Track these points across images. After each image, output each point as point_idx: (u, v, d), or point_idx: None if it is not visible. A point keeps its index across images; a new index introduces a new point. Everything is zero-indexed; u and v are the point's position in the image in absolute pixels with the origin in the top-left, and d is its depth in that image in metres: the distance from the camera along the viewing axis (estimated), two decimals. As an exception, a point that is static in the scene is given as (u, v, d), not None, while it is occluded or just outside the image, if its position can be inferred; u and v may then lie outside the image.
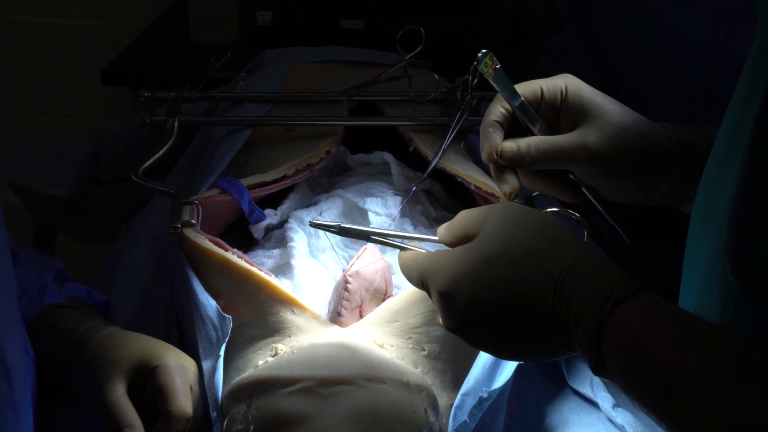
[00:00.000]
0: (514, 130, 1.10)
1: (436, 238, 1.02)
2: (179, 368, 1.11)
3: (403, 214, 1.34)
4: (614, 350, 0.82)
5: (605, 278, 0.86)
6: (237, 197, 1.28)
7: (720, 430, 0.74)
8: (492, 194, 1.29)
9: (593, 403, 1.24)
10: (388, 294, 1.18)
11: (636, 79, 1.58)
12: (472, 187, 1.32)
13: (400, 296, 1.14)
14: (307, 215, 1.32)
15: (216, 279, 1.17)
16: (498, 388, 1.10)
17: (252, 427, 1.04)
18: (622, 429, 1.20)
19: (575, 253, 0.89)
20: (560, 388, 1.27)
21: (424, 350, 1.13)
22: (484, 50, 1.08)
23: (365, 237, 1.07)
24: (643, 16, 1.55)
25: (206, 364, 1.13)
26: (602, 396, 1.23)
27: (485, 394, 1.07)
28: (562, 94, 1.10)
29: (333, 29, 2.34)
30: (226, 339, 1.11)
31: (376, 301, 1.17)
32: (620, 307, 0.83)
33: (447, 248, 1.00)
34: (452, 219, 1.00)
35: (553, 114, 1.10)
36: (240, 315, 1.14)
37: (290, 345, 1.12)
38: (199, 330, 1.15)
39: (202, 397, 1.13)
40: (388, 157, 1.44)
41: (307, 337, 1.12)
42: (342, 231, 1.06)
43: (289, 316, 1.13)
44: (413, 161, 1.45)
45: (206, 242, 1.17)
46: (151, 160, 1.35)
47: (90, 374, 1.12)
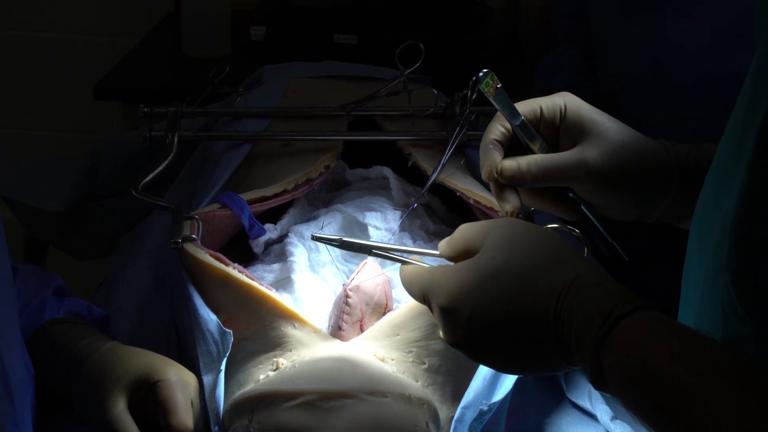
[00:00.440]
0: (513, 148, 1.11)
1: (437, 252, 1.02)
2: (180, 383, 1.11)
3: (402, 228, 1.35)
4: (615, 366, 0.83)
5: (606, 294, 0.86)
6: (237, 212, 1.28)
7: None
8: (491, 208, 1.29)
9: (592, 416, 1.25)
10: (388, 308, 1.18)
11: (635, 95, 1.60)
12: (471, 201, 1.32)
13: (401, 310, 1.15)
14: (307, 230, 1.33)
15: (217, 293, 1.17)
16: (498, 401, 1.10)
17: (254, 441, 1.04)
18: (620, 441, 1.21)
19: (576, 268, 0.89)
20: (559, 400, 1.27)
21: (425, 364, 1.13)
22: (486, 70, 1.08)
23: (367, 251, 1.07)
24: (643, 33, 1.56)
25: (207, 379, 1.13)
26: (601, 408, 1.24)
27: (485, 407, 1.08)
28: (561, 112, 1.10)
29: (326, 44, 2.35)
30: (227, 353, 1.11)
31: (376, 315, 1.17)
32: (621, 322, 0.83)
33: (448, 263, 1.00)
34: (453, 233, 1.01)
35: (553, 132, 1.11)
36: (240, 329, 1.14)
37: (291, 359, 1.12)
38: (199, 344, 1.15)
39: (203, 412, 1.13)
40: (387, 171, 1.44)
41: (309, 351, 1.12)
42: (344, 245, 1.07)
43: (290, 330, 1.13)
44: (412, 176, 1.45)
45: (207, 257, 1.17)
46: (152, 175, 1.35)
47: (91, 389, 1.12)
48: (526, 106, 1.10)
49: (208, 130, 1.57)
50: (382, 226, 1.32)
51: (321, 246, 1.29)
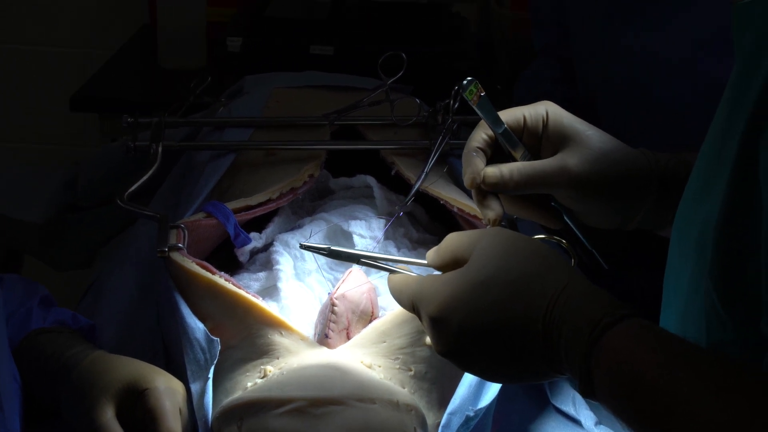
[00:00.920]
0: (496, 156, 1.12)
1: (425, 261, 1.03)
2: (168, 391, 1.11)
3: (386, 237, 1.35)
4: (603, 374, 0.84)
5: (595, 303, 0.87)
6: (223, 221, 1.28)
7: None
8: (475, 216, 1.30)
9: (576, 421, 1.26)
10: (374, 315, 1.19)
11: (615, 106, 1.61)
12: (455, 210, 1.33)
13: (387, 317, 1.15)
14: (292, 238, 1.33)
15: (203, 302, 1.17)
16: (484, 407, 1.11)
17: (244, 448, 1.05)
18: (604, 446, 1.22)
19: (565, 278, 0.90)
20: (543, 406, 1.29)
21: (411, 371, 1.14)
22: (470, 78, 1.10)
23: (355, 260, 1.08)
24: (622, 45, 1.57)
25: (195, 387, 1.13)
26: (584, 414, 1.25)
27: (471, 413, 1.09)
28: (543, 120, 1.11)
29: (303, 55, 2.35)
30: (215, 361, 1.12)
31: (362, 323, 1.17)
32: (609, 331, 0.84)
33: (436, 272, 1.01)
34: (441, 243, 1.01)
35: (536, 141, 1.12)
36: (227, 337, 1.15)
37: (279, 366, 1.12)
38: (187, 353, 1.15)
39: (191, 420, 1.13)
40: (370, 180, 1.45)
41: (296, 358, 1.13)
42: (332, 254, 1.07)
43: (277, 338, 1.14)
44: (395, 184, 1.46)
45: (193, 266, 1.18)
46: (137, 184, 1.35)
47: (78, 398, 1.12)
48: (510, 115, 1.12)
49: (191, 140, 1.57)
50: (366, 234, 1.33)
51: (307, 254, 1.30)
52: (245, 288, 1.18)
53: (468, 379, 1.11)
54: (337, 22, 2.45)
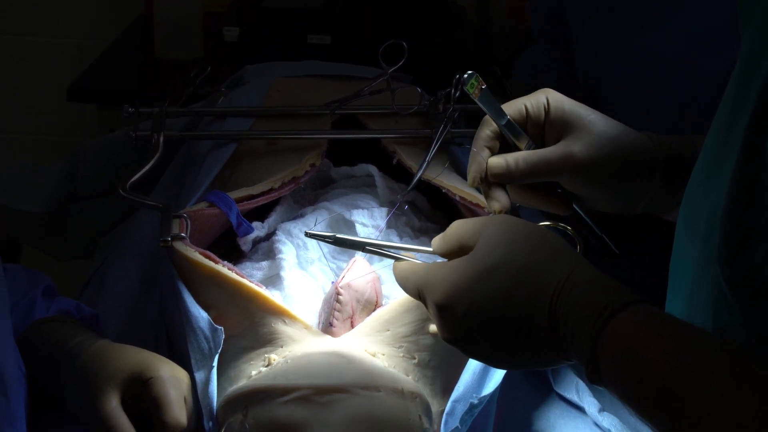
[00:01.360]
0: (501, 150, 1.12)
1: (430, 249, 1.03)
2: (173, 379, 1.12)
3: (388, 226, 1.35)
4: (610, 360, 0.84)
5: (601, 289, 0.87)
6: (225, 210, 1.28)
7: None
8: (477, 205, 1.30)
9: (579, 408, 1.26)
10: (378, 304, 1.19)
11: (614, 97, 1.61)
12: (457, 198, 1.34)
13: (390, 306, 1.16)
14: (295, 227, 1.33)
15: (207, 291, 1.18)
16: (488, 395, 1.11)
17: (249, 436, 1.05)
18: (608, 432, 1.22)
19: (571, 264, 0.90)
20: (547, 393, 1.29)
21: (415, 359, 1.14)
22: (470, 71, 1.10)
23: (360, 247, 1.08)
24: (619, 38, 1.58)
25: (199, 376, 1.14)
26: (588, 400, 1.25)
27: (475, 401, 1.09)
28: (545, 108, 1.12)
29: (300, 45, 2.35)
30: (219, 350, 1.12)
31: (366, 312, 1.18)
32: (616, 317, 0.84)
33: (441, 259, 1.01)
34: (446, 230, 1.01)
35: (539, 130, 1.12)
36: (231, 326, 1.15)
37: (283, 355, 1.13)
38: (190, 342, 1.15)
39: (196, 409, 1.13)
40: (372, 169, 1.45)
41: (300, 346, 1.13)
42: (337, 241, 1.07)
43: (280, 326, 1.14)
44: (396, 173, 1.46)
45: (196, 255, 1.18)
46: (139, 174, 1.35)
47: (83, 387, 1.12)
48: (512, 107, 1.12)
49: (192, 129, 1.57)
50: (369, 223, 1.33)
51: (309, 243, 1.30)
52: (248, 277, 1.18)
53: (472, 367, 1.11)
54: (334, 12, 2.44)
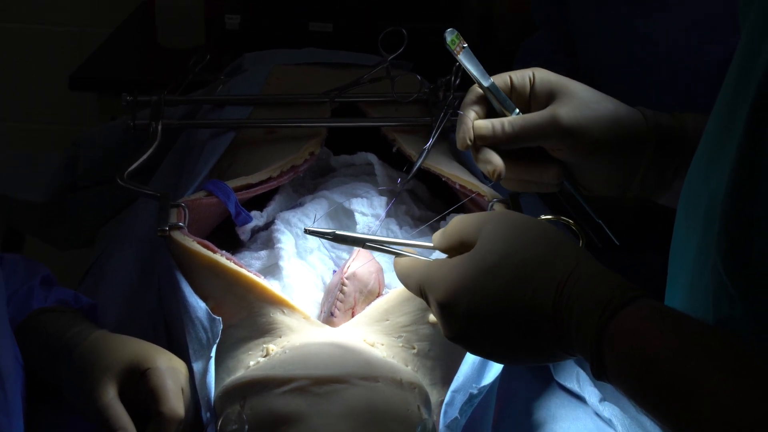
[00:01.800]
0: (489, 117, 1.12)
1: (431, 244, 1.02)
2: (170, 370, 1.11)
3: (388, 214, 1.35)
4: (615, 356, 0.83)
5: (604, 284, 0.87)
6: (224, 199, 1.28)
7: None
8: (477, 193, 1.30)
9: (580, 398, 1.26)
10: (380, 295, 1.19)
11: (615, 83, 1.60)
12: (457, 186, 1.33)
13: (390, 295, 1.15)
14: (293, 216, 1.33)
15: (204, 281, 1.17)
16: (487, 385, 1.11)
17: (246, 426, 1.04)
18: (609, 422, 1.22)
19: (574, 260, 0.90)
20: (547, 383, 1.28)
21: (414, 348, 1.14)
22: (451, 29, 1.12)
23: (360, 244, 1.07)
24: (619, 26, 1.57)
25: (197, 366, 1.13)
26: (589, 390, 1.25)
27: (475, 391, 1.08)
28: (530, 80, 1.12)
29: (302, 32, 2.35)
30: (217, 340, 1.11)
31: (367, 302, 1.17)
32: (620, 312, 0.84)
33: (442, 255, 1.01)
34: (447, 225, 1.01)
35: (524, 104, 1.13)
36: (229, 316, 1.15)
37: (281, 345, 1.12)
38: (188, 332, 1.14)
39: (194, 399, 1.13)
40: (371, 157, 1.44)
41: (299, 337, 1.13)
42: (337, 238, 1.06)
43: (279, 316, 1.14)
44: (396, 162, 1.45)
45: (194, 244, 1.17)
46: (137, 163, 1.34)
47: (80, 378, 1.11)
48: (497, 78, 1.13)
49: (191, 118, 1.56)
50: (368, 212, 1.32)
51: (308, 233, 1.29)
52: (246, 267, 1.18)
53: (471, 357, 1.11)
54: (335, -1, 2.44)
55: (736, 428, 0.74)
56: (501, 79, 1.12)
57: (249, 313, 1.15)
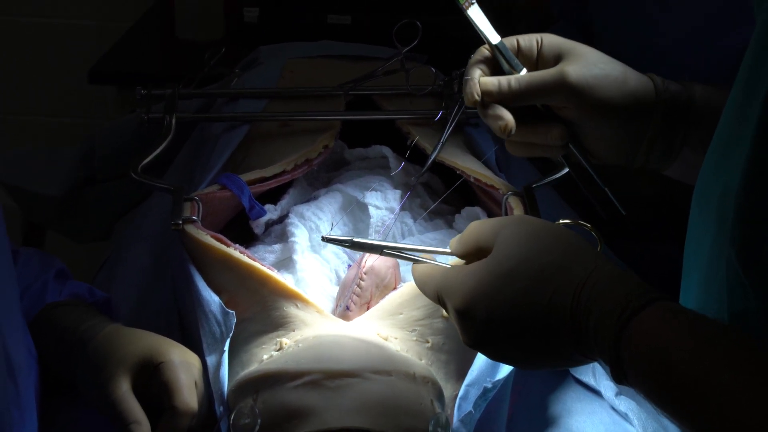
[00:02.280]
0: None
1: (448, 250, 1.03)
2: (183, 364, 1.11)
3: (402, 208, 1.34)
4: (633, 358, 0.83)
5: (622, 287, 0.87)
6: (237, 193, 1.27)
7: None
8: (491, 186, 1.29)
9: (596, 392, 1.25)
10: (395, 289, 1.18)
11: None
12: (472, 179, 1.32)
13: (403, 289, 1.15)
14: (307, 210, 1.32)
15: (218, 275, 1.17)
16: (502, 379, 1.10)
17: (259, 420, 1.04)
18: (625, 416, 1.21)
19: (591, 263, 0.90)
20: (563, 377, 1.27)
21: (428, 342, 1.14)
22: None
23: (378, 251, 1.08)
24: (637, 16, 1.56)
25: (210, 360, 1.13)
26: (605, 384, 1.24)
27: (489, 385, 1.08)
28: (537, 43, 1.12)
29: (320, 25, 2.34)
30: (230, 334, 1.11)
31: (382, 296, 1.17)
32: (638, 315, 0.84)
33: (460, 260, 1.02)
34: (464, 231, 1.01)
35: (531, 66, 1.12)
36: (243, 310, 1.14)
37: (295, 339, 1.12)
38: (202, 326, 1.14)
39: (207, 393, 1.13)
40: (386, 150, 1.44)
41: (312, 330, 1.12)
42: (355, 245, 1.07)
43: (292, 310, 1.13)
44: (410, 155, 1.45)
45: (208, 238, 1.17)
46: (151, 156, 1.34)
47: (94, 372, 1.12)
48: (505, 41, 1.13)
49: (206, 111, 1.56)
50: (382, 205, 1.32)
51: (322, 226, 1.29)
52: (260, 260, 1.17)
53: (486, 351, 1.11)
54: (354, -8, 2.43)
55: (750, 426, 0.74)
56: (508, 42, 1.12)
57: (263, 307, 1.15)
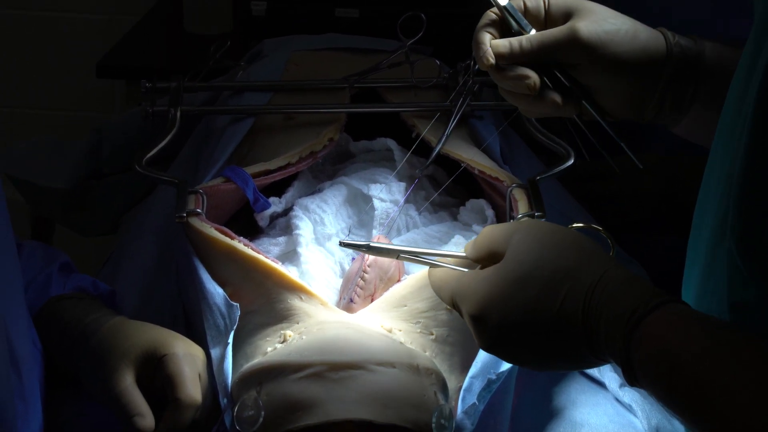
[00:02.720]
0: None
1: (463, 254, 1.05)
2: (188, 356, 1.12)
3: (407, 200, 1.34)
4: (644, 361, 0.84)
5: (632, 290, 0.88)
6: (242, 186, 1.28)
7: None
8: (496, 178, 1.29)
9: (600, 383, 1.26)
10: (399, 281, 1.18)
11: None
12: (476, 172, 1.32)
13: (408, 281, 1.15)
14: (312, 202, 1.32)
15: (222, 267, 1.17)
16: (506, 370, 1.10)
17: (263, 412, 1.04)
18: (629, 408, 1.22)
19: (603, 267, 0.91)
20: (567, 369, 1.28)
21: (432, 334, 1.14)
22: None
23: (394, 255, 1.10)
24: (641, 4, 1.56)
25: (215, 352, 1.13)
26: (609, 376, 1.25)
27: (494, 377, 1.08)
28: (545, 2, 1.12)
29: (328, 18, 2.33)
30: (234, 326, 1.11)
31: (386, 289, 1.17)
32: (648, 317, 0.85)
33: (474, 265, 1.03)
34: (478, 236, 1.03)
35: (540, 27, 1.12)
36: (247, 302, 1.15)
37: (299, 331, 1.12)
38: (206, 318, 1.15)
39: (211, 386, 1.13)
40: (391, 143, 1.44)
41: (316, 322, 1.12)
42: (372, 249, 1.09)
43: (296, 302, 1.14)
44: (416, 147, 1.44)
45: (212, 231, 1.17)
46: (155, 150, 1.34)
47: (98, 364, 1.12)
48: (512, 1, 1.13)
49: (211, 105, 1.56)
50: (386, 198, 1.32)
51: (326, 219, 1.29)
52: (265, 253, 1.18)
53: (490, 343, 1.11)
54: (361, -16, 2.42)
55: (757, 429, 0.75)
56: (515, 2, 1.12)
57: (267, 300, 1.15)
